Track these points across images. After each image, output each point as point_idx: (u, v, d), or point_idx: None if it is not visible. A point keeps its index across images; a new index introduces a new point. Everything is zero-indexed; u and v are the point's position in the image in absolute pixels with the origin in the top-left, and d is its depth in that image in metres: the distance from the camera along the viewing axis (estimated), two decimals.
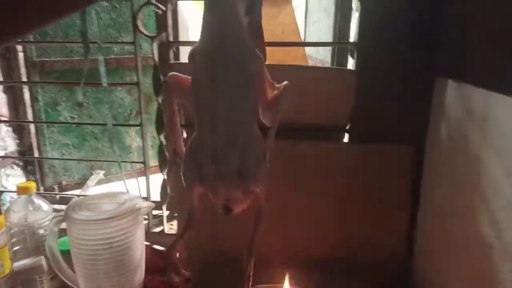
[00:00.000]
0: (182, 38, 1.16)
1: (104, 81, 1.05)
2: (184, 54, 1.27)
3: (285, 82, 0.56)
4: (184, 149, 0.58)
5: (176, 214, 1.11)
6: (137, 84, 1.03)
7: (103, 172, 1.75)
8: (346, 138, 1.00)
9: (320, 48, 2.02)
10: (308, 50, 2.14)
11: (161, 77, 1.00)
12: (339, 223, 0.94)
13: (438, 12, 0.83)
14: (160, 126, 1.02)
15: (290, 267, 0.83)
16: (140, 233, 0.82)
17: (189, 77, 0.54)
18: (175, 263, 0.61)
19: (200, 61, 0.51)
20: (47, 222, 0.88)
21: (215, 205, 0.55)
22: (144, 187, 1.11)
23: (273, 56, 1.22)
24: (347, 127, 0.97)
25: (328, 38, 1.59)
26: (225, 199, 0.54)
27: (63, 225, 0.78)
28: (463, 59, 0.73)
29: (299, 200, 0.92)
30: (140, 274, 0.82)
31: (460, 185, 0.69)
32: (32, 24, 0.37)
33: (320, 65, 1.94)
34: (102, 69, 1.05)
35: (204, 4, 0.48)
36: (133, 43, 1.01)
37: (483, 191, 0.60)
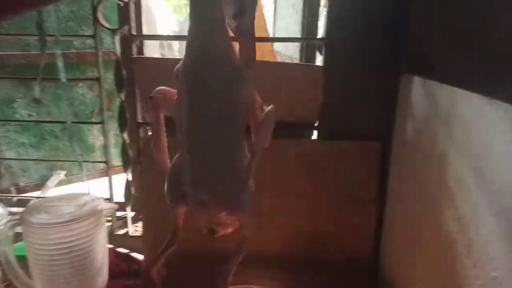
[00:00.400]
0: (149, 32, 1.11)
1: (63, 76, 1.00)
2: (150, 49, 1.22)
3: (270, 106, 0.53)
4: (169, 165, 0.56)
5: (140, 216, 1.08)
6: (97, 79, 0.99)
7: (64, 172, 1.67)
8: (315, 135, 1.00)
9: (289, 44, 2.02)
10: (277, 46, 2.13)
11: (123, 72, 0.96)
12: (308, 221, 0.93)
13: (405, 10, 0.84)
14: (123, 123, 0.98)
15: (260, 266, 0.82)
16: (102, 236, 0.78)
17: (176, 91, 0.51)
18: (155, 281, 0.59)
19: (181, 80, 0.48)
20: (2, 227, 0.82)
21: (200, 227, 0.54)
22: (107, 188, 1.07)
23: None
24: (316, 124, 0.97)
25: (297, 34, 1.58)
26: (208, 222, 0.53)
27: (20, 229, 0.73)
28: (429, 56, 0.74)
29: (267, 197, 0.90)
30: (102, 279, 0.78)
31: (426, 181, 0.70)
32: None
33: (288, 61, 1.94)
34: (60, 63, 1.00)
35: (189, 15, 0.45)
36: (93, 36, 0.97)
37: (447, 187, 0.61)
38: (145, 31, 1.08)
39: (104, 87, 1.02)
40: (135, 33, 0.97)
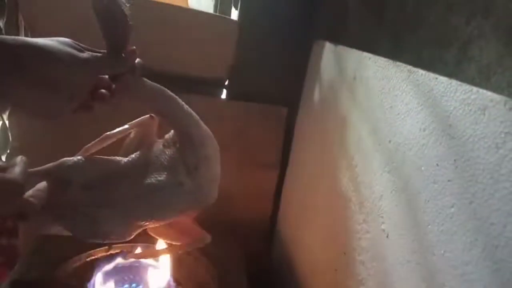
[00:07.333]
0: None
1: None
2: None
3: None
4: None
5: None
6: None
7: None
8: (224, 95, 0.97)
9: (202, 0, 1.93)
10: (190, 1, 2.03)
11: None
12: None
13: None
14: None
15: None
16: None
17: None
18: None
19: None
20: None
21: None
22: None
23: None
24: (226, 83, 0.93)
25: None
26: None
27: None
28: (342, 22, 0.75)
29: None
30: None
31: (327, 143, 0.72)
32: None
33: None
34: None
35: None
36: None
37: (347, 149, 0.63)
38: None
39: None
40: None
